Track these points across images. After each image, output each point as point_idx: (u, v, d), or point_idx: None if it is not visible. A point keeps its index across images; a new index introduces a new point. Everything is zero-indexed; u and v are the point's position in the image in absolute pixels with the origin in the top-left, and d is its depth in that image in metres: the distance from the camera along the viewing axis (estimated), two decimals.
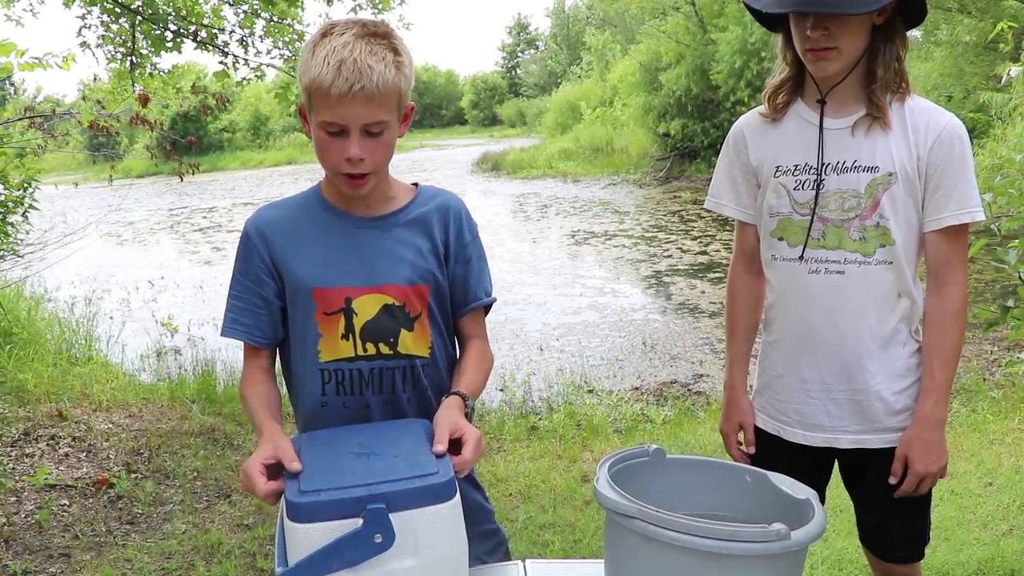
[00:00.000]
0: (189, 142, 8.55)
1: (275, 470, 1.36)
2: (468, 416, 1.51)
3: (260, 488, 1.32)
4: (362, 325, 1.59)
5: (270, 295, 1.61)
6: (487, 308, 1.74)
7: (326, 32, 1.48)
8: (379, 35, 1.48)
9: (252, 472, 1.33)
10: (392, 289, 1.59)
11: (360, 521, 1.19)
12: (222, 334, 1.64)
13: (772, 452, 1.96)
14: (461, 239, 1.67)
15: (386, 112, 1.48)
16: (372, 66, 1.43)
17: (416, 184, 1.71)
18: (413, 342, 1.62)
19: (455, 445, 1.38)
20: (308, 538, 1.19)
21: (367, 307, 1.58)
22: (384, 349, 1.60)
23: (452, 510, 1.25)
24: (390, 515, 1.19)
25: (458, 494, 1.27)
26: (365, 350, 1.60)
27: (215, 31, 6.11)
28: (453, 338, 1.75)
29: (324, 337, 1.59)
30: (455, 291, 1.68)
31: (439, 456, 1.32)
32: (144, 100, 6.10)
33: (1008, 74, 4.53)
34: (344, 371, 1.60)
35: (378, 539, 1.18)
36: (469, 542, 1.30)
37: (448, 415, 1.44)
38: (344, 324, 1.58)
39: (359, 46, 1.44)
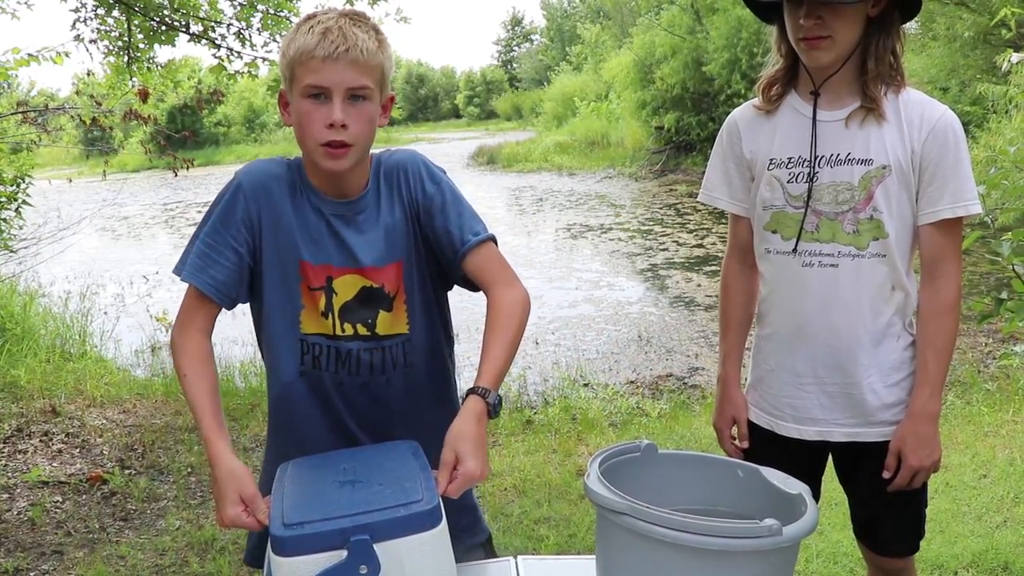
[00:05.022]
0: (184, 137, 8.52)
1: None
2: (495, 410, 1.47)
3: (253, 524, 1.37)
4: (341, 305, 1.59)
5: (245, 252, 1.57)
6: (495, 245, 1.64)
7: (309, 16, 1.52)
8: (362, 18, 1.53)
9: (238, 518, 1.37)
10: (370, 271, 1.60)
11: (345, 553, 1.18)
12: (183, 276, 1.56)
13: (766, 446, 1.95)
14: (426, 194, 1.62)
15: (370, 80, 1.50)
16: (356, 34, 1.49)
17: (372, 155, 1.66)
18: (392, 321, 1.62)
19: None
20: (293, 571, 1.19)
21: (346, 288, 1.59)
22: (362, 330, 1.61)
23: (438, 537, 1.25)
24: (375, 545, 1.19)
25: (444, 521, 1.26)
26: (343, 330, 1.60)
27: (212, 24, 6.08)
28: (439, 309, 1.71)
29: (306, 309, 1.60)
30: (442, 245, 1.61)
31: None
32: (144, 96, 6.07)
33: (1009, 61, 4.50)
34: (322, 346, 1.61)
35: (363, 570, 1.18)
36: (448, 517, 1.30)
37: (453, 437, 1.41)
38: (325, 302, 1.59)
39: (343, 20, 1.50)
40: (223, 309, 1.60)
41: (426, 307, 1.68)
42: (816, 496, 1.95)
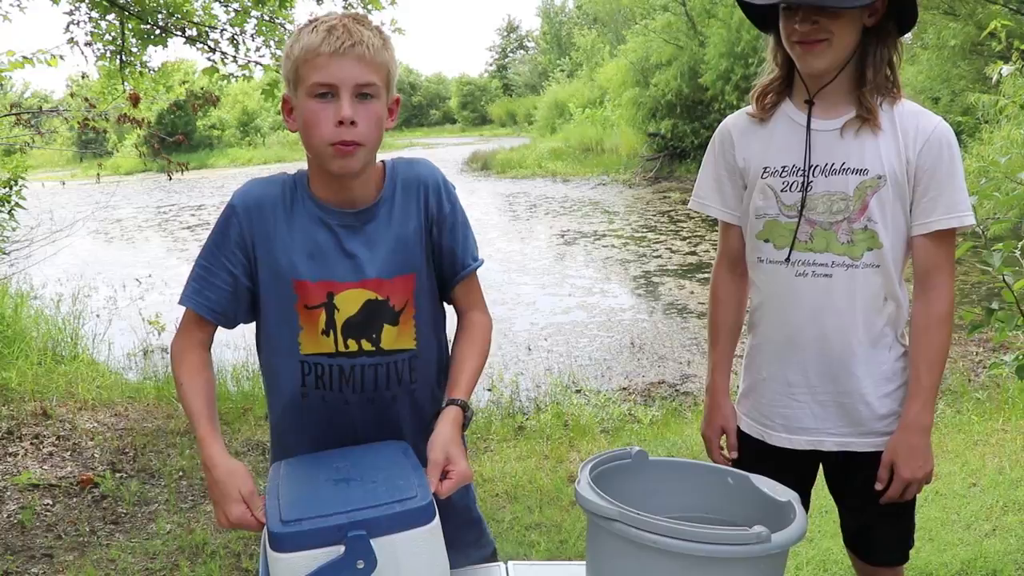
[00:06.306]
0: (177, 140, 8.50)
1: None
2: (467, 422, 1.52)
3: (253, 524, 1.38)
4: (344, 321, 1.57)
5: (240, 273, 1.57)
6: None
7: (312, 19, 1.52)
8: (364, 19, 1.53)
9: (244, 516, 1.39)
10: (374, 283, 1.57)
11: (342, 548, 1.20)
12: (181, 302, 1.59)
13: (756, 456, 1.95)
14: (442, 210, 1.63)
15: (377, 77, 1.50)
16: (361, 31, 1.48)
17: (383, 162, 1.65)
18: (397, 336, 1.59)
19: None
20: (291, 567, 1.21)
21: (349, 302, 1.56)
22: (366, 346, 1.58)
23: (432, 533, 1.27)
24: (371, 541, 1.21)
25: (437, 516, 1.28)
26: (347, 346, 1.57)
27: (206, 29, 6.08)
28: (444, 325, 1.72)
29: (305, 330, 1.57)
30: (444, 262, 1.65)
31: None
32: (135, 100, 6.07)
33: (999, 73, 4.53)
34: (324, 366, 1.58)
35: (360, 565, 1.20)
36: (454, 532, 1.32)
37: (443, 440, 1.45)
38: (325, 319, 1.56)
39: (347, 20, 1.50)
40: (219, 326, 1.62)
41: (434, 322, 1.68)
42: (806, 506, 1.95)
